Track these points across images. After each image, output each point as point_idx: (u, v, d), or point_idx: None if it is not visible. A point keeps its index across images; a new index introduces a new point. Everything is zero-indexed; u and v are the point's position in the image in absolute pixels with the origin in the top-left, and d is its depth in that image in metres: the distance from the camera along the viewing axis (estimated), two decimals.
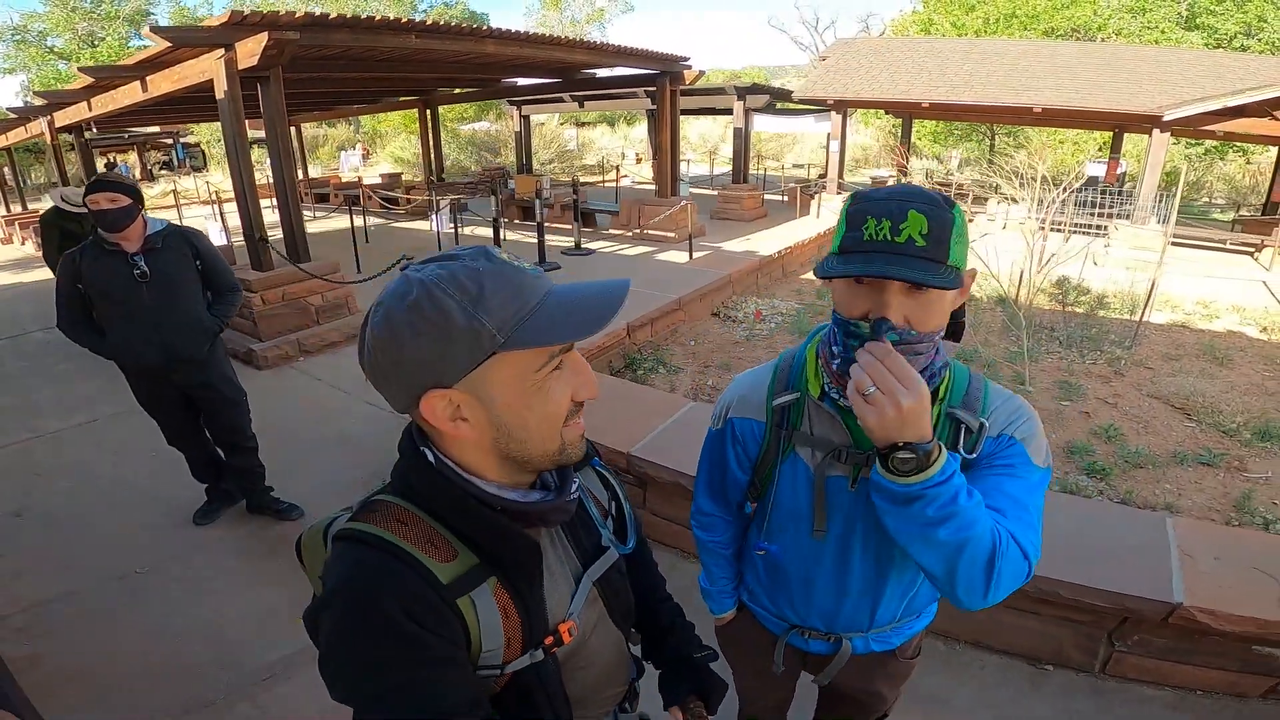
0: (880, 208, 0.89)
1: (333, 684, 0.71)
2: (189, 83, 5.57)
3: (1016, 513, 0.95)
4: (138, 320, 2.66)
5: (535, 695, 0.81)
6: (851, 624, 1.23)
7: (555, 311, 0.69)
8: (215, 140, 25.45)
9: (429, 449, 0.75)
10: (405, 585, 0.69)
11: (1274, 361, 5.84)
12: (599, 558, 0.89)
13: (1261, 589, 2.08)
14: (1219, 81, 10.67)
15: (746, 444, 1.19)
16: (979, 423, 0.99)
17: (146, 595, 2.70)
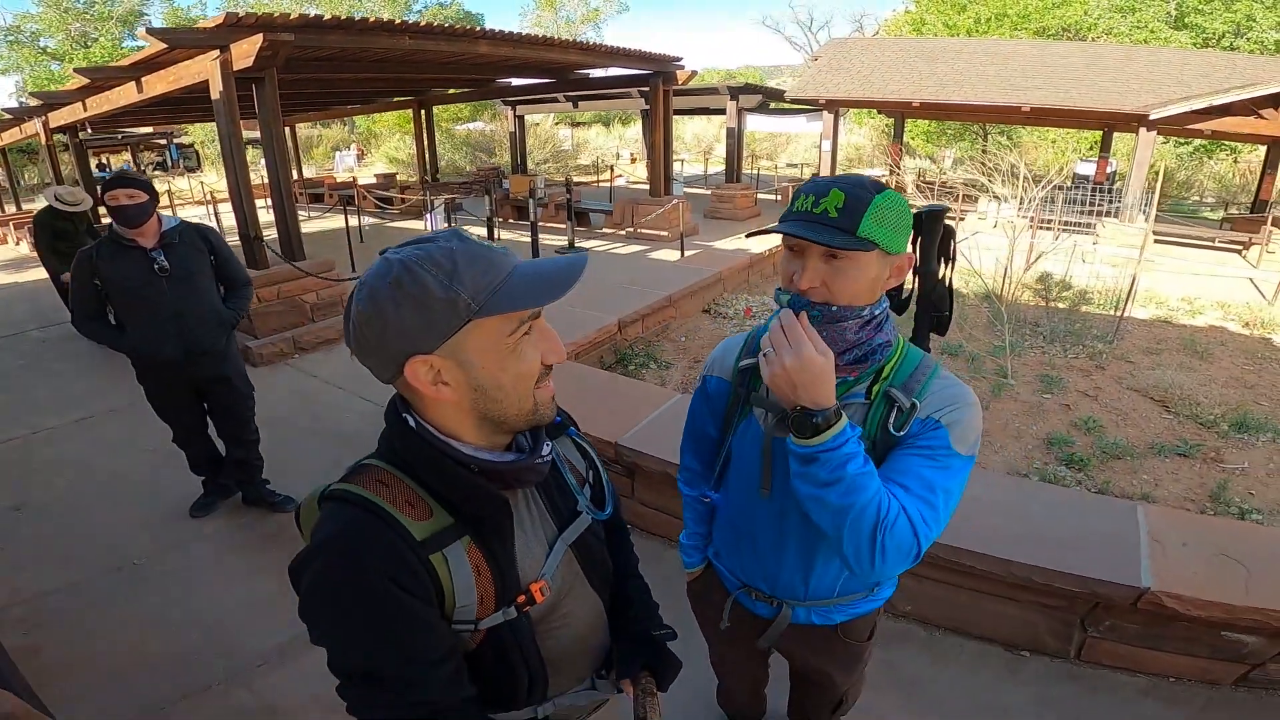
0: (811, 186, 1.03)
1: (311, 629, 0.79)
2: (184, 84, 5.63)
3: (921, 492, 1.00)
4: (159, 314, 2.72)
5: (510, 653, 0.87)
6: (790, 590, 1.29)
7: (523, 282, 0.76)
8: (209, 141, 25.44)
9: (410, 415, 0.82)
10: (383, 543, 0.76)
11: (1255, 355, 5.94)
12: (574, 521, 0.95)
13: (1229, 575, 2.12)
14: (1206, 81, 10.80)
15: (715, 402, 1.29)
16: (910, 403, 1.05)
17: (144, 586, 2.76)
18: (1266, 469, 3.91)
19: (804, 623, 1.34)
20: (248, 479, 3.23)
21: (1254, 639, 2.09)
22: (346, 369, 5.18)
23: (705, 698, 2.04)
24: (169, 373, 2.85)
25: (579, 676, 1.00)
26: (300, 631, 2.42)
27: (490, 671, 0.87)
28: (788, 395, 0.97)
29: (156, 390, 2.93)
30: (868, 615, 1.37)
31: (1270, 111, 9.82)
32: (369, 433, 4.35)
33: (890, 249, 1.01)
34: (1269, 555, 2.20)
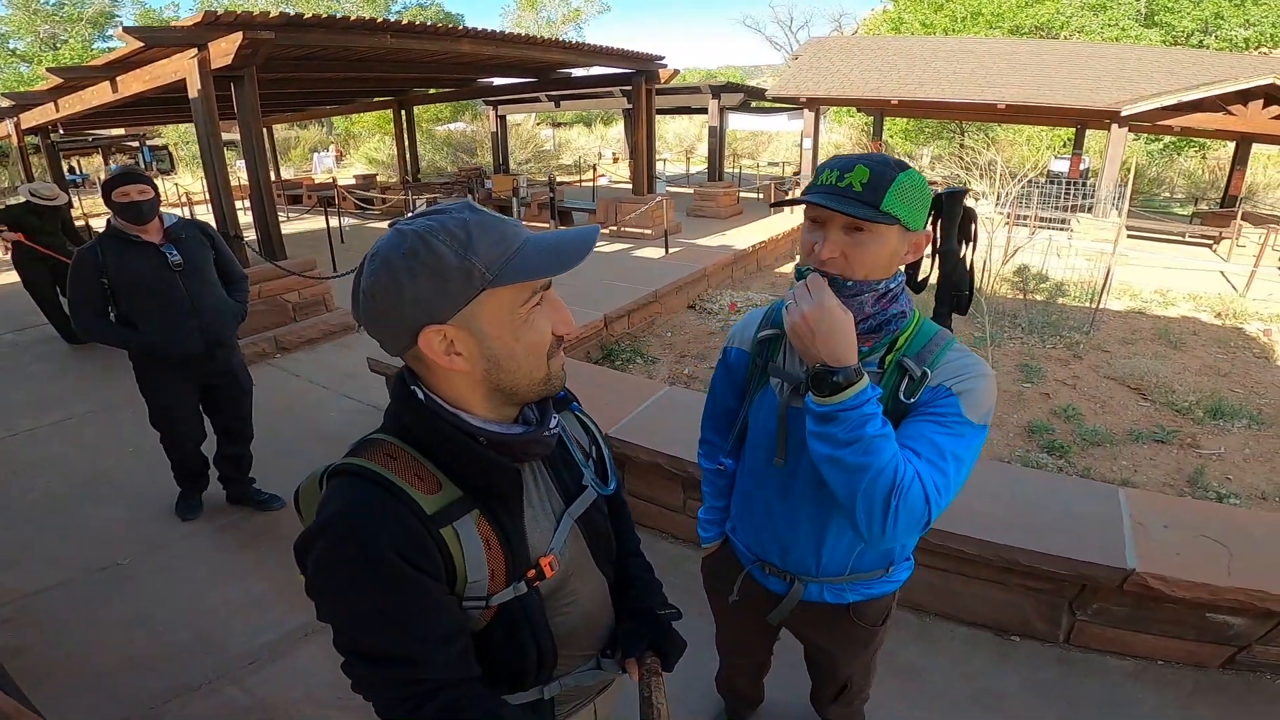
0: (836, 162, 1.06)
1: (318, 606, 0.78)
2: (161, 83, 5.55)
3: (933, 458, 1.00)
4: (177, 309, 2.69)
5: (520, 630, 0.86)
6: (802, 564, 1.30)
7: (535, 252, 0.76)
8: (183, 142, 25.04)
9: (419, 387, 0.81)
10: (393, 518, 0.75)
11: (1226, 344, 6.11)
12: (580, 496, 0.95)
13: (1211, 557, 2.14)
14: (1176, 78, 11.05)
15: (735, 372, 1.31)
16: (921, 371, 1.07)
17: (130, 586, 2.73)
18: (1242, 454, 4.02)
19: (816, 600, 1.34)
20: (239, 475, 3.20)
21: (1239, 620, 2.11)
22: (329, 368, 5.15)
23: (701, 685, 2.05)
24: (185, 370, 2.82)
25: (585, 655, 1.00)
26: (291, 628, 2.41)
27: (499, 650, 0.87)
28: (808, 347, 0.99)
29: (165, 391, 2.86)
30: (882, 598, 1.36)
31: (1239, 108, 10.07)
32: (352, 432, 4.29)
33: (910, 225, 1.04)
34: (1248, 537, 2.24)
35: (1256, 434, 4.26)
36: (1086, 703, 2.12)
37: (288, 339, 5.57)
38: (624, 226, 9.86)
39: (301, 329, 5.73)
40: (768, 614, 1.40)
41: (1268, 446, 4.10)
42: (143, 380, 2.84)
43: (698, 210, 11.93)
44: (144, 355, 2.76)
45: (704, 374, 5.09)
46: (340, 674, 0.80)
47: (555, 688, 0.95)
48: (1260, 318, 6.96)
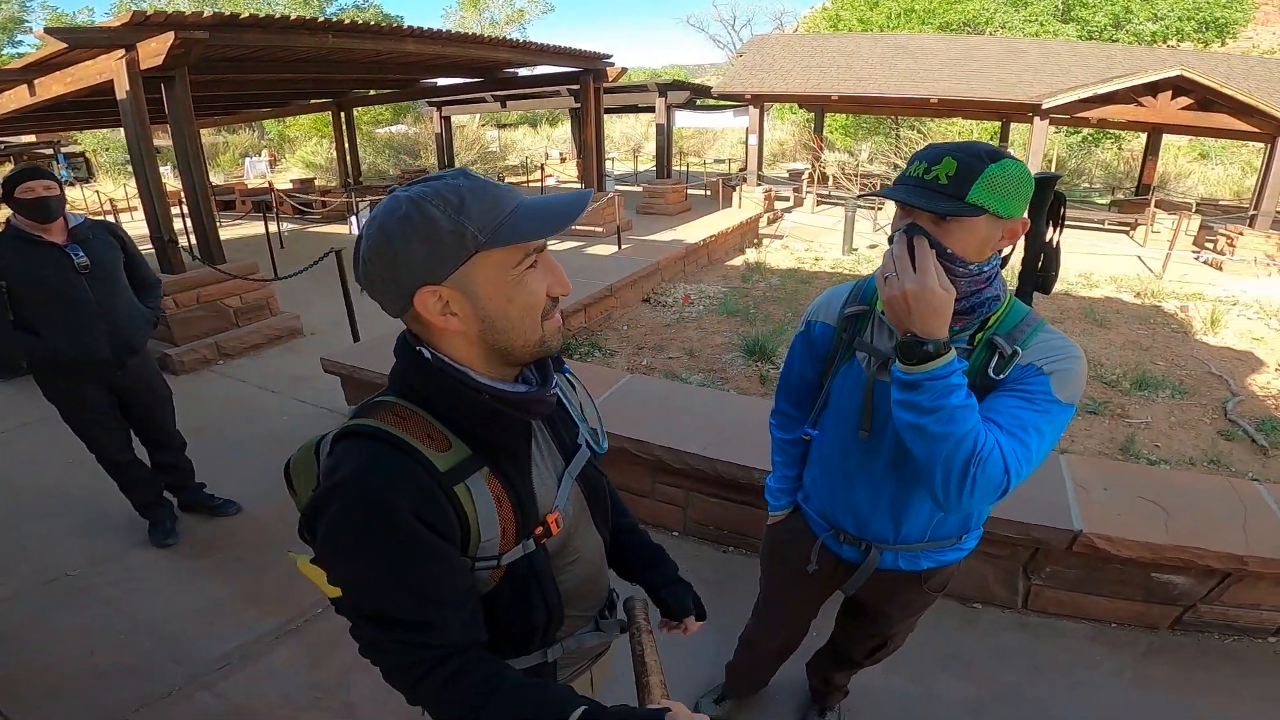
0: (926, 153, 1.06)
1: (330, 570, 0.79)
2: (85, 84, 5.29)
3: (1015, 429, 1.02)
4: (84, 314, 2.54)
5: (529, 588, 0.88)
6: (880, 533, 1.32)
7: (527, 215, 0.78)
8: (102, 149, 23.79)
9: (425, 348, 0.82)
10: (410, 478, 0.76)
11: (1147, 321, 6.54)
12: (577, 454, 0.97)
13: (1149, 516, 2.25)
14: (1091, 71, 11.70)
15: (817, 345, 1.34)
16: (1012, 350, 1.08)
17: (83, 597, 2.63)
18: (1168, 422, 4.31)
19: (890, 567, 1.37)
20: (182, 483, 3.09)
21: (1182, 580, 2.24)
22: (276, 372, 5.01)
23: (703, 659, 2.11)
24: (92, 380, 2.66)
25: (585, 617, 1.02)
26: (262, 631, 2.39)
27: (508, 610, 0.88)
28: (901, 319, 1.00)
29: (74, 404, 2.70)
30: (952, 565, 1.40)
31: (1149, 100, 10.73)
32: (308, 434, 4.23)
33: (1002, 213, 1.02)
34: (1181, 497, 2.37)
35: (1180, 403, 4.59)
36: (1049, 665, 2.23)
37: (230, 344, 5.38)
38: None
39: (244, 334, 5.55)
40: (837, 583, 1.44)
41: (1191, 415, 4.42)
42: (48, 390, 2.67)
43: (647, 207, 12.02)
44: (47, 363, 2.57)
45: (662, 365, 5.17)
46: (317, 675, 0.81)
47: (557, 650, 0.97)
48: (1176, 296, 7.47)
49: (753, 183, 13.04)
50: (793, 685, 2.07)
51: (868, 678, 2.05)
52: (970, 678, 2.19)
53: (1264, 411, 4.46)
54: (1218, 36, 18.88)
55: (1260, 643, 2.28)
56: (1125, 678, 2.17)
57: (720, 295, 7.09)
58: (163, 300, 4.96)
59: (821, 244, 10.65)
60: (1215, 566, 2.16)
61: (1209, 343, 5.90)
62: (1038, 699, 2.11)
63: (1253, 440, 4.03)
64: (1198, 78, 10.11)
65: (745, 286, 7.67)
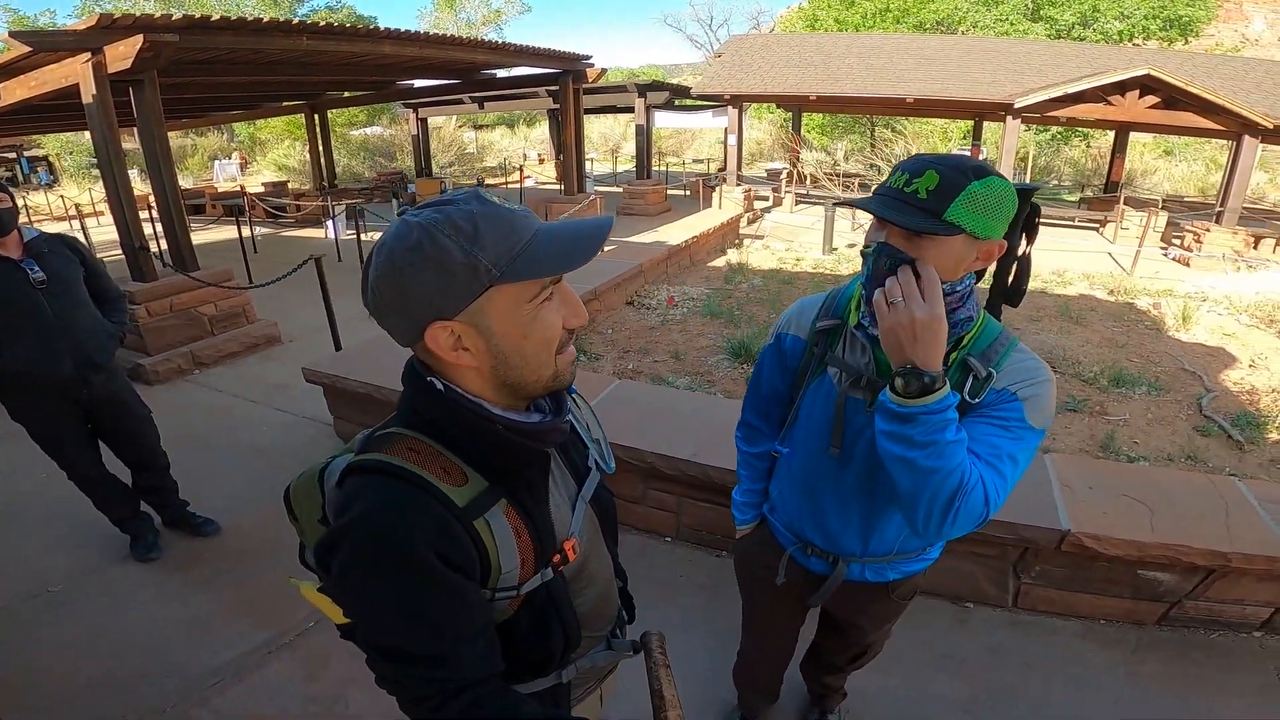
0: (910, 164, 1.02)
1: (345, 605, 0.77)
2: (49, 88, 5.14)
3: (994, 460, 1.01)
4: (44, 330, 2.46)
5: (547, 615, 0.87)
6: (848, 546, 1.32)
7: (545, 246, 0.74)
8: (66, 152, 23.20)
9: (436, 379, 0.79)
10: (427, 514, 0.73)
11: (1121, 318, 6.67)
12: (588, 477, 0.96)
13: (1134, 515, 2.28)
14: (1060, 70, 11.91)
15: (788, 358, 1.31)
16: (987, 372, 1.06)
17: (68, 611, 2.57)
18: (1145, 419, 4.39)
19: (858, 579, 1.36)
20: (167, 503, 3.01)
21: (1168, 576, 2.27)
22: (255, 381, 4.92)
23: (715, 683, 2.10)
24: (57, 397, 2.57)
25: (599, 637, 1.02)
26: (254, 645, 2.34)
27: (526, 638, 0.87)
28: (904, 348, 0.96)
29: (41, 421, 2.62)
30: (917, 575, 1.41)
31: (1117, 98, 10.95)
32: (291, 444, 4.27)
33: (980, 234, 0.99)
34: (1163, 494, 2.40)
35: (1156, 400, 4.68)
36: (1041, 663, 2.26)
37: (206, 353, 5.27)
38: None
39: (220, 342, 5.43)
40: (807, 595, 1.43)
41: (1168, 411, 4.51)
42: (12, 408, 2.59)
43: (627, 209, 12.00)
44: (9, 382, 2.50)
45: (648, 368, 5.16)
46: (313, 688, 0.80)
47: (571, 671, 0.97)
48: (1148, 293, 7.63)
49: (732, 183, 13.08)
50: (793, 690, 2.07)
51: (865, 679, 2.06)
52: (965, 677, 2.22)
53: (1238, 407, 4.57)
54: (1182, 34, 19.37)
55: (1245, 637, 2.32)
56: (1117, 674, 2.20)
57: (703, 297, 7.10)
58: (135, 309, 4.95)
59: (802, 243, 10.72)
60: (1199, 563, 2.20)
61: (1181, 339, 6.03)
62: (1032, 696, 2.14)
63: (1228, 436, 4.13)
64: (1164, 77, 10.34)
65: (728, 288, 7.69)
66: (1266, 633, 2.33)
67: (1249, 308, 6.77)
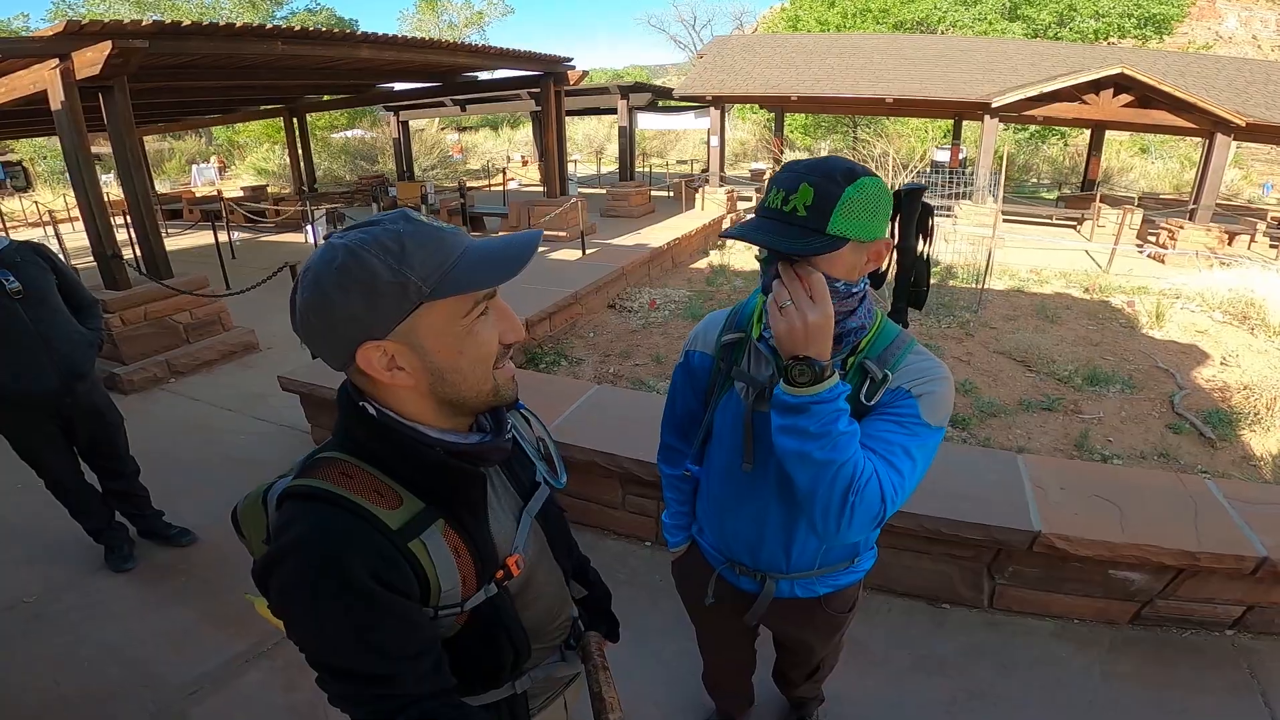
0: (783, 179, 1.00)
1: (288, 627, 0.78)
2: (17, 95, 5.04)
3: (890, 457, 1.02)
4: (22, 342, 2.40)
5: (495, 630, 0.88)
6: (773, 562, 1.31)
7: (475, 261, 0.74)
8: (40, 157, 22.79)
9: (369, 403, 0.79)
10: (361, 538, 0.74)
11: (1096, 316, 6.75)
12: (535, 493, 0.96)
13: (1105, 515, 2.30)
14: (1036, 70, 12.06)
15: (698, 375, 1.30)
16: (882, 374, 1.07)
17: (43, 625, 2.54)
18: (1119, 417, 4.45)
19: (788, 596, 1.35)
20: (137, 511, 2.97)
21: (1139, 576, 2.30)
22: (232, 390, 4.86)
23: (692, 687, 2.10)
24: (41, 410, 2.54)
25: (550, 647, 1.03)
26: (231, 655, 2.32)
27: (474, 651, 0.88)
28: (797, 348, 0.97)
29: (22, 434, 2.59)
30: (850, 587, 1.40)
31: (1092, 97, 11.11)
32: (268, 453, 4.21)
33: (865, 237, 1.00)
34: (1134, 494, 2.43)
35: (1130, 398, 4.74)
36: (1018, 663, 2.28)
37: (181, 362, 5.19)
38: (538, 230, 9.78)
39: (196, 350, 5.36)
40: (743, 614, 1.42)
41: (1140, 409, 4.57)
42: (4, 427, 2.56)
43: (611, 210, 11.98)
44: None
45: (629, 372, 5.15)
46: (292, 697, 0.80)
47: (526, 681, 0.98)
48: (1123, 291, 7.73)
49: (715, 184, 13.11)
50: (771, 692, 2.08)
51: (843, 681, 2.07)
52: (944, 677, 2.23)
53: (1210, 404, 4.64)
54: (1157, 33, 19.68)
55: (1217, 635, 2.35)
56: (1093, 673, 2.22)
57: (685, 299, 7.10)
58: (108, 318, 4.87)
59: None
60: (1169, 563, 2.23)
61: (1155, 336, 6.12)
62: (1010, 696, 2.16)
63: (1200, 433, 4.19)
64: (1137, 75, 10.50)
65: (710, 289, 7.70)
66: (1238, 631, 2.35)
67: (1221, 304, 6.88)
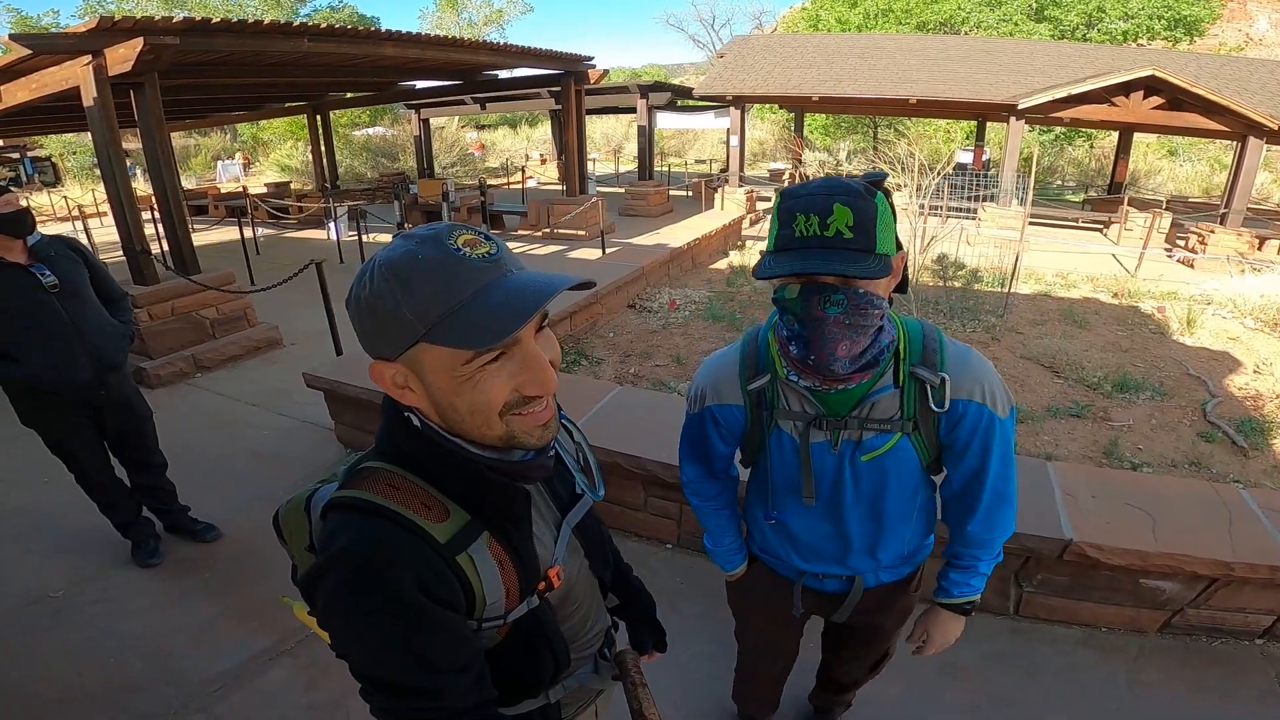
0: (807, 204, 0.94)
1: (334, 639, 0.77)
2: (50, 90, 5.15)
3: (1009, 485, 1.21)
4: (60, 335, 2.44)
5: (536, 640, 0.88)
6: (859, 565, 1.32)
7: (479, 312, 0.68)
8: (69, 152, 23.23)
9: (413, 414, 0.78)
10: (410, 550, 0.73)
11: (1125, 322, 6.63)
12: (574, 505, 0.95)
13: (1137, 523, 2.28)
14: (1065, 71, 11.87)
15: (729, 425, 1.26)
16: (940, 378, 1.07)
17: (69, 618, 2.57)
18: (1149, 425, 4.36)
19: (875, 585, 1.36)
20: (163, 505, 3.01)
21: (1170, 585, 2.27)
22: (256, 385, 4.92)
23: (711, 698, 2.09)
24: (74, 401, 2.57)
25: (585, 658, 1.03)
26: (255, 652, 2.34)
27: (516, 662, 0.88)
28: None
29: (55, 426, 2.62)
30: (924, 562, 1.43)
31: (1122, 99, 10.90)
32: (289, 450, 4.26)
33: (894, 251, 0.98)
34: (1166, 503, 2.39)
35: (1160, 405, 4.64)
36: (1042, 670, 2.25)
37: (207, 357, 5.27)
38: (558, 228, 9.81)
39: (222, 346, 5.44)
40: (827, 610, 1.44)
41: (1172, 417, 4.47)
42: (25, 415, 2.58)
43: (629, 210, 11.98)
44: (26, 390, 2.49)
45: (650, 373, 5.14)
46: (314, 696, 0.79)
47: (559, 691, 0.98)
48: (1152, 296, 7.58)
49: (735, 183, 13.05)
50: (792, 698, 2.06)
51: (867, 689, 2.03)
52: (967, 684, 2.21)
53: (1242, 412, 4.54)
54: (1187, 34, 19.28)
55: (1247, 644, 2.32)
56: (1119, 681, 2.19)
57: (705, 300, 7.07)
58: (136, 313, 4.94)
59: None
60: (1203, 573, 2.19)
61: (1186, 343, 5.99)
62: (1034, 703, 2.13)
63: (1232, 442, 4.10)
64: (1169, 77, 10.29)
65: (730, 290, 7.67)
66: (1268, 640, 2.32)
67: (1253, 311, 6.72)
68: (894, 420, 1.12)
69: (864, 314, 0.97)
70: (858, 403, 1.12)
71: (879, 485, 1.19)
